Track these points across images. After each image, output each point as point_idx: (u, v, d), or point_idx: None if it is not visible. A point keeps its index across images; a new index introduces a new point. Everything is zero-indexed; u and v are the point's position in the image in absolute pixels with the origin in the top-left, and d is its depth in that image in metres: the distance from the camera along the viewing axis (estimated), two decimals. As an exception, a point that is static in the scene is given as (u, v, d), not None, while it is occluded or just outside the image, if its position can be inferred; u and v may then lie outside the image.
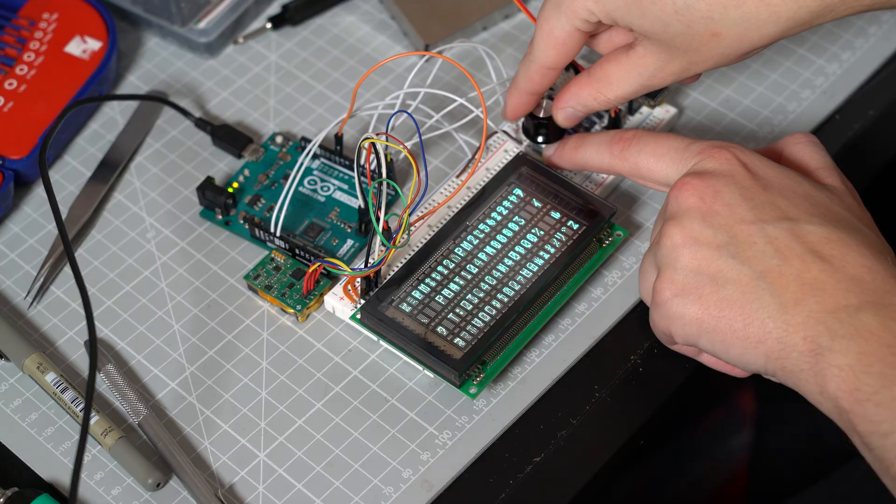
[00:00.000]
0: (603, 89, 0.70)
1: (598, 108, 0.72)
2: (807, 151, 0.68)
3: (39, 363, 0.70)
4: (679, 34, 0.65)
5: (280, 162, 0.79)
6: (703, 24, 0.64)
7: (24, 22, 0.82)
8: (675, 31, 0.65)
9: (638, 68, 0.68)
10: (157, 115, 0.82)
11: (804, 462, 0.89)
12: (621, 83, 0.69)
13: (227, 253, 0.76)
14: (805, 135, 0.69)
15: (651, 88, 0.69)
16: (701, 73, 0.68)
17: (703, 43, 0.65)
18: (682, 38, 0.65)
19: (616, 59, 0.69)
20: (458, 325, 0.69)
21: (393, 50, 0.85)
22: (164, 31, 0.85)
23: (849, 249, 0.60)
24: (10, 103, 0.79)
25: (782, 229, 0.61)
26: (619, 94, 0.70)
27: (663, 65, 0.67)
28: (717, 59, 0.66)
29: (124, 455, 0.67)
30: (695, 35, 0.65)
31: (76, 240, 0.77)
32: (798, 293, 0.60)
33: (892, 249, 0.63)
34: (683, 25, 0.65)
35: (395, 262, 0.72)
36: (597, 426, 0.69)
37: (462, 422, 0.69)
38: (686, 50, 0.66)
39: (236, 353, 0.72)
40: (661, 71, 0.68)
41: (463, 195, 0.75)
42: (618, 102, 0.71)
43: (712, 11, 0.64)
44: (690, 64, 0.67)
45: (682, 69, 0.67)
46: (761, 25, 0.64)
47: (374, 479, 0.67)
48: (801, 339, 0.59)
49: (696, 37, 0.65)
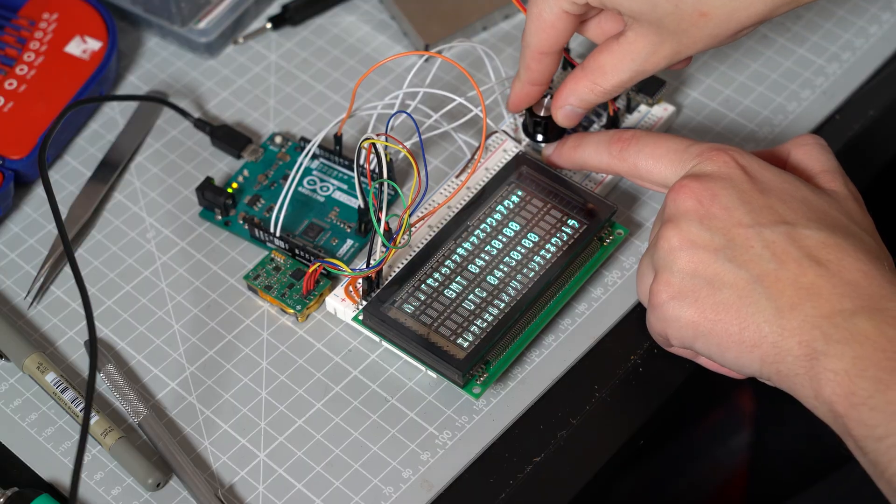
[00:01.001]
0: (598, 80, 0.70)
1: (595, 101, 0.71)
2: (812, 154, 0.68)
3: (39, 363, 0.70)
4: (667, 14, 0.66)
5: (279, 162, 0.79)
6: (691, 4, 0.65)
7: (24, 22, 0.82)
8: (664, 11, 0.66)
9: (630, 54, 0.68)
10: (157, 115, 0.82)
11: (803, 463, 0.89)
12: (615, 71, 0.69)
13: (227, 253, 0.76)
14: (812, 137, 0.69)
15: (645, 74, 0.69)
16: (692, 56, 0.68)
17: (692, 23, 0.66)
18: (671, 18, 0.66)
19: (608, 47, 0.69)
20: (461, 325, 0.69)
21: (393, 50, 0.85)
22: (164, 31, 0.85)
23: (845, 254, 0.60)
24: (10, 103, 0.79)
25: (779, 233, 0.61)
26: (614, 83, 0.70)
27: (655, 48, 0.68)
28: (708, 40, 0.67)
29: (124, 455, 0.67)
30: (683, 15, 0.66)
31: (76, 240, 0.77)
32: (794, 297, 0.60)
33: (890, 256, 0.63)
34: (671, 5, 0.65)
35: (396, 263, 0.72)
36: (597, 426, 0.69)
37: (462, 422, 0.69)
38: (675, 31, 0.66)
39: (236, 353, 0.72)
40: (653, 55, 0.68)
41: (463, 195, 0.75)
42: (614, 92, 0.70)
43: None
44: (681, 46, 0.67)
45: (673, 51, 0.68)
46: (748, 5, 0.65)
47: (374, 479, 0.67)
48: (797, 343, 0.59)
49: (684, 17, 0.66)
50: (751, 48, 0.84)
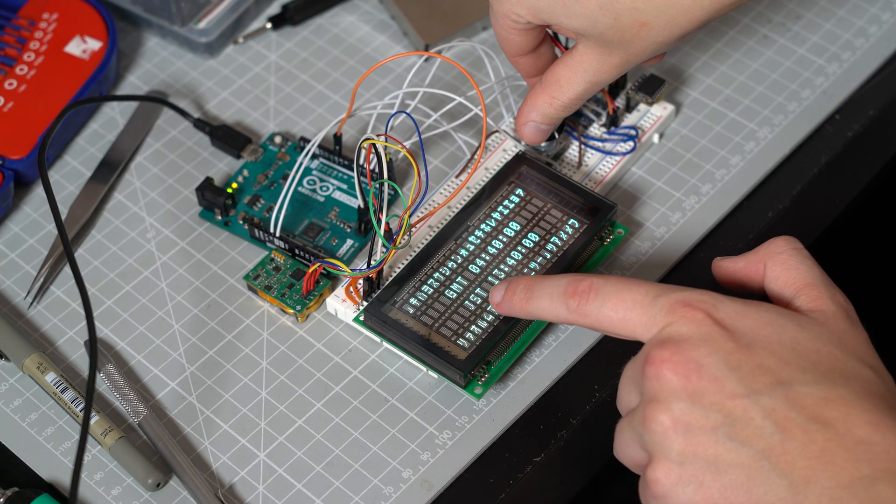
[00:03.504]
0: (555, 93, 0.71)
1: (556, 115, 0.72)
2: (790, 265, 0.62)
3: (39, 363, 0.70)
4: (608, 28, 0.66)
5: (279, 162, 0.79)
6: (629, 16, 0.65)
7: (24, 22, 0.82)
8: (604, 25, 0.66)
9: (582, 66, 0.69)
10: (157, 115, 0.82)
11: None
12: (570, 84, 0.70)
13: (227, 253, 0.76)
14: (786, 242, 0.63)
15: (600, 85, 0.70)
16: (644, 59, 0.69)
17: (634, 34, 0.66)
18: (613, 31, 0.66)
19: (562, 61, 0.70)
20: (462, 326, 0.69)
21: (393, 50, 0.85)
22: (164, 31, 0.85)
23: (850, 408, 0.55)
24: (10, 103, 0.79)
25: (777, 398, 0.56)
26: (570, 96, 0.71)
27: (604, 59, 0.68)
28: (654, 47, 0.67)
29: (124, 455, 0.67)
30: (624, 27, 0.66)
31: (76, 240, 0.77)
32: (807, 469, 0.54)
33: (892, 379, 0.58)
34: (610, 19, 0.66)
35: (396, 264, 0.72)
36: (597, 426, 0.69)
37: (462, 422, 0.69)
38: (620, 42, 0.67)
39: (236, 353, 0.72)
40: (603, 65, 0.68)
41: (463, 195, 0.75)
42: (572, 104, 0.71)
43: (636, 2, 0.65)
44: (629, 55, 0.68)
45: (622, 61, 0.68)
46: (686, 10, 0.65)
47: (374, 479, 0.67)
48: None
49: (625, 29, 0.66)
50: (751, 48, 0.84)
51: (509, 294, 0.66)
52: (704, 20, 0.66)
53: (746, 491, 0.55)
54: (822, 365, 0.57)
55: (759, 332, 0.57)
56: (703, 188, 0.77)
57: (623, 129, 0.78)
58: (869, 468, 0.54)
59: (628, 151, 0.77)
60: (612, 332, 0.61)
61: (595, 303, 0.61)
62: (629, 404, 0.59)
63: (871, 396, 0.56)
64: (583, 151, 0.77)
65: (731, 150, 0.79)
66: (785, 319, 0.58)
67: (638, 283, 0.60)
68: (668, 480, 0.56)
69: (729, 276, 0.64)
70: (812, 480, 0.54)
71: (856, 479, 0.54)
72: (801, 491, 0.54)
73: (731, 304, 0.58)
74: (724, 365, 0.56)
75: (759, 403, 0.55)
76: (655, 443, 0.57)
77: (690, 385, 0.56)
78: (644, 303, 0.59)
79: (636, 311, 0.59)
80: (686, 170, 0.78)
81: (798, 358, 0.57)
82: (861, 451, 0.54)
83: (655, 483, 0.57)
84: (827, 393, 0.56)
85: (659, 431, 0.56)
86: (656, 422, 0.56)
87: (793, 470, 0.55)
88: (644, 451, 0.58)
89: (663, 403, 0.56)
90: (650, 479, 0.57)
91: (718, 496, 0.56)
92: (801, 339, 0.58)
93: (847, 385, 0.56)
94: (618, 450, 0.60)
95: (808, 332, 0.58)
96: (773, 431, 0.55)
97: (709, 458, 0.56)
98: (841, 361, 0.57)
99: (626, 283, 0.60)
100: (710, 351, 0.57)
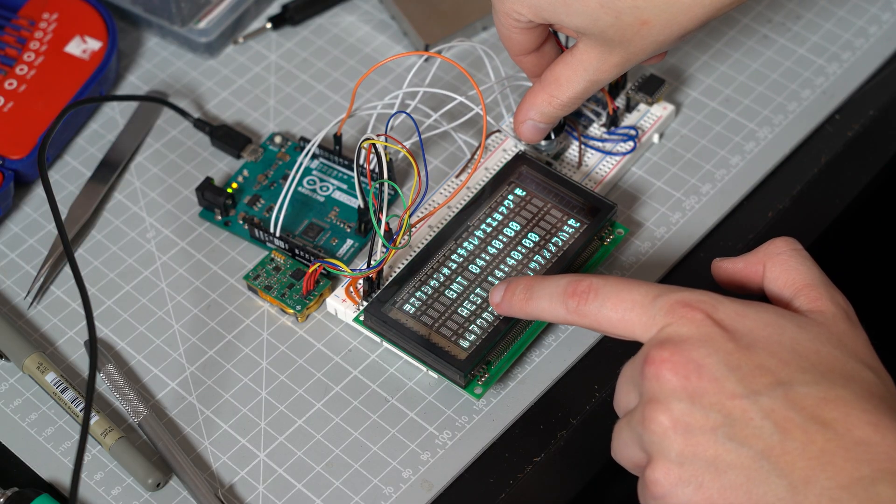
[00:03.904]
0: (554, 92, 0.71)
1: (555, 113, 0.72)
2: (790, 266, 0.62)
3: (39, 363, 0.70)
4: (609, 26, 0.66)
5: (279, 162, 0.79)
6: (630, 14, 0.65)
7: (24, 22, 0.82)
8: (605, 23, 0.66)
9: (582, 65, 0.69)
10: (157, 115, 0.82)
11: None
12: (570, 82, 0.70)
13: (227, 253, 0.76)
14: (786, 242, 0.63)
15: (600, 84, 0.70)
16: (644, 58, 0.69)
17: (634, 32, 0.66)
18: (613, 29, 0.66)
19: (563, 60, 0.70)
20: (462, 326, 0.69)
21: (393, 50, 0.85)
22: (164, 31, 0.85)
23: (850, 408, 0.55)
24: (10, 103, 0.79)
25: (777, 398, 0.56)
26: (570, 95, 0.71)
27: (604, 58, 0.68)
28: (655, 46, 0.67)
29: (124, 455, 0.67)
30: (625, 25, 0.66)
31: (76, 240, 0.77)
32: (806, 469, 0.55)
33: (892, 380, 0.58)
34: (611, 17, 0.66)
35: (396, 264, 0.72)
36: (597, 426, 0.69)
37: (462, 422, 0.69)
38: (620, 41, 0.67)
39: (236, 353, 0.72)
40: (603, 64, 0.69)
41: (463, 195, 0.75)
42: (572, 103, 0.71)
43: (637, 0, 0.65)
44: (629, 54, 0.68)
45: (623, 60, 0.68)
46: (687, 9, 0.65)
47: (374, 479, 0.67)
48: None
49: (626, 27, 0.66)
50: (751, 48, 0.84)
51: (509, 294, 0.66)
52: (705, 19, 0.66)
53: (746, 491, 0.55)
54: (821, 365, 0.57)
55: (759, 332, 0.58)
56: (703, 188, 0.77)
57: (623, 129, 0.78)
58: (868, 468, 0.54)
59: (628, 151, 0.77)
60: (612, 333, 0.61)
61: (594, 303, 0.61)
62: (627, 405, 0.59)
63: (871, 397, 0.56)
64: (583, 151, 0.77)
65: (731, 150, 0.79)
66: (784, 320, 0.58)
67: (637, 284, 0.60)
68: (668, 481, 0.56)
69: (728, 276, 0.64)
70: (811, 481, 0.54)
71: (855, 479, 0.54)
72: (801, 491, 0.54)
73: (730, 305, 0.58)
74: (723, 365, 0.56)
75: (759, 404, 0.56)
76: (655, 443, 0.57)
77: (690, 385, 0.56)
78: (643, 303, 0.59)
79: (636, 312, 0.60)
80: (686, 170, 0.78)
81: (798, 358, 0.57)
82: (860, 452, 0.54)
83: (655, 484, 0.57)
84: (826, 393, 0.56)
85: (658, 432, 0.56)
86: (656, 422, 0.56)
87: (792, 470, 0.55)
88: (643, 451, 0.58)
89: (663, 404, 0.56)
90: (649, 479, 0.57)
91: (718, 496, 0.56)
92: (801, 340, 0.58)
93: (846, 386, 0.56)
94: (616, 450, 0.60)
95: (807, 332, 0.58)
96: (773, 432, 0.55)
97: (708, 458, 0.56)
98: (840, 362, 0.57)
99: (625, 284, 0.61)
100: (709, 351, 0.57)
